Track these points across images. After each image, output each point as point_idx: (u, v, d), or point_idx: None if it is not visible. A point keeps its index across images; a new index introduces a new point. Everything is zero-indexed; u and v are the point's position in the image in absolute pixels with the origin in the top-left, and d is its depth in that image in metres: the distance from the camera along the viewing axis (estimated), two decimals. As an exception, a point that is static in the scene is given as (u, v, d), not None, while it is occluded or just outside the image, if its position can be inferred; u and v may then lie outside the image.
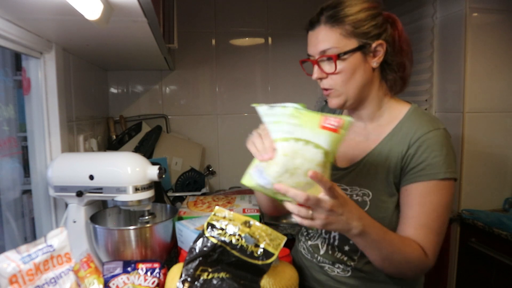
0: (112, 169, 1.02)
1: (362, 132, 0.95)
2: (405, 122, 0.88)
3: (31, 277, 0.72)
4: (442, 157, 0.80)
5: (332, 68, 0.85)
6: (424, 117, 0.87)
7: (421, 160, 0.81)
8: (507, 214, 1.60)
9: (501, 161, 1.75)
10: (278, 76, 2.21)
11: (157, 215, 1.16)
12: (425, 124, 0.84)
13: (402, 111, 0.91)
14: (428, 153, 0.81)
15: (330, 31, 0.84)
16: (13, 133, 1.09)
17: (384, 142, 0.89)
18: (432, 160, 0.80)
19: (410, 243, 0.80)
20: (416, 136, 0.83)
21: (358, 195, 0.88)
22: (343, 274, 0.91)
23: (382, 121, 0.92)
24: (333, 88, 0.88)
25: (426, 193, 0.81)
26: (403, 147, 0.84)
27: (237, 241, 0.77)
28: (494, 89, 1.71)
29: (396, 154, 0.85)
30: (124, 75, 2.09)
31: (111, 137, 1.97)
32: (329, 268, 0.93)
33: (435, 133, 0.82)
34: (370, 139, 0.92)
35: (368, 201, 0.86)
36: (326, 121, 0.66)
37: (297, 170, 0.68)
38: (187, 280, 0.74)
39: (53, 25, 0.99)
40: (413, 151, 0.82)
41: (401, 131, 0.87)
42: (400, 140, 0.86)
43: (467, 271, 1.72)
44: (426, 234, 0.81)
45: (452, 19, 1.72)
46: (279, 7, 2.18)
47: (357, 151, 0.93)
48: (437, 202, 0.81)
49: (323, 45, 0.85)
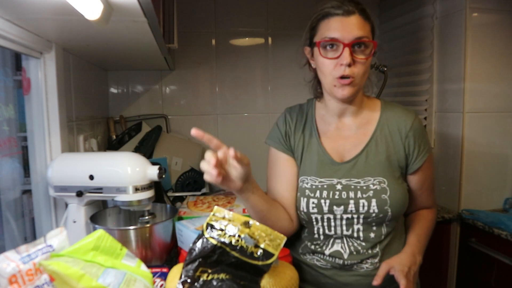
0: (112, 169, 1.02)
1: (345, 127, 1.02)
2: (385, 113, 1.00)
3: (30, 277, 0.72)
4: (427, 135, 1.02)
5: (364, 55, 0.90)
6: (398, 107, 1.02)
7: (419, 143, 0.98)
8: (507, 214, 1.60)
9: (501, 161, 1.75)
10: (278, 76, 2.21)
11: (157, 215, 1.16)
12: (408, 114, 0.99)
13: (376, 103, 1.03)
14: (422, 136, 0.99)
15: (364, 23, 0.91)
16: (13, 133, 1.09)
17: (377, 133, 0.99)
18: (424, 139, 1.00)
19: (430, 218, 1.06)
20: (409, 125, 0.97)
21: (375, 184, 0.94)
22: (373, 267, 0.96)
23: (363, 115, 1.02)
24: (354, 77, 0.91)
25: (428, 166, 1.01)
26: (400, 135, 0.98)
27: (237, 242, 0.77)
28: (494, 89, 1.71)
29: (395, 142, 0.98)
30: (124, 75, 2.09)
31: (111, 137, 1.97)
32: (358, 267, 0.97)
33: (418, 119, 1.00)
34: (360, 131, 1.00)
35: (386, 187, 0.94)
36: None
37: None
38: (187, 281, 0.74)
39: (53, 25, 0.99)
40: (412, 139, 0.97)
41: (387, 120, 0.99)
42: (394, 129, 0.98)
43: (467, 271, 1.72)
44: (433, 195, 1.09)
45: (452, 19, 1.72)
46: (279, 7, 2.17)
47: (349, 145, 1.00)
48: (432, 170, 1.05)
49: (360, 32, 0.89)
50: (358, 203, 0.93)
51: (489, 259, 1.52)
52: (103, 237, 0.81)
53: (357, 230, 0.95)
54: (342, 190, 0.95)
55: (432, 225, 1.06)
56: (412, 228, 1.03)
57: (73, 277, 0.69)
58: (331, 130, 1.02)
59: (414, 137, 0.97)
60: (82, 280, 0.70)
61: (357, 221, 0.94)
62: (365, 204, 0.93)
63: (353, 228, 0.95)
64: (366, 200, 0.93)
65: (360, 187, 0.94)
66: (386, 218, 0.94)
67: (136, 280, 0.78)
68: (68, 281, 0.69)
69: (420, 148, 0.98)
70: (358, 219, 0.94)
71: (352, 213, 0.94)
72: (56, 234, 0.81)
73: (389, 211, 0.93)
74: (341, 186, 0.95)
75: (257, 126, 2.20)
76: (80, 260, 0.76)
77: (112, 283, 0.73)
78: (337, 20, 0.89)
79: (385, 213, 0.93)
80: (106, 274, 0.75)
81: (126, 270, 0.79)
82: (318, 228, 0.97)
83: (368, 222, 0.94)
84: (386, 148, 0.97)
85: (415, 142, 0.97)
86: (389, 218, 0.94)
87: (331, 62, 0.90)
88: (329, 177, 0.97)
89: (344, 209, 0.94)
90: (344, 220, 0.95)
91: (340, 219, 0.95)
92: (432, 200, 1.08)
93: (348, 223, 0.95)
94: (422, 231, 1.02)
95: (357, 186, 0.94)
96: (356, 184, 0.95)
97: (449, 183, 1.77)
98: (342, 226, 0.95)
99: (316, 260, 1.00)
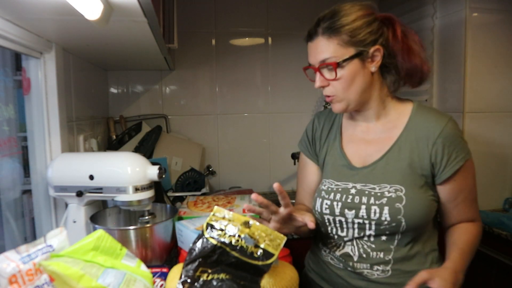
0: (112, 169, 1.02)
1: (370, 131, 0.99)
2: (415, 117, 0.94)
3: (30, 277, 0.72)
4: (463, 142, 0.93)
5: (332, 75, 0.90)
6: (432, 111, 0.95)
7: (451, 150, 0.90)
8: (507, 214, 1.60)
9: (501, 161, 1.75)
10: (278, 76, 2.21)
11: (157, 215, 1.16)
12: (439, 118, 0.91)
13: (407, 107, 0.96)
14: (455, 143, 0.90)
15: (328, 41, 0.88)
16: (13, 133, 1.09)
17: (402, 138, 0.94)
18: (459, 146, 0.91)
19: (474, 233, 0.96)
20: (438, 131, 0.90)
21: (391, 192, 0.91)
22: (384, 275, 0.92)
23: (390, 118, 0.97)
24: (335, 94, 0.93)
25: (464, 175, 0.93)
26: (428, 142, 0.91)
27: (237, 242, 0.77)
28: (494, 89, 1.71)
29: (420, 149, 0.91)
30: (124, 75, 2.09)
31: (111, 137, 1.97)
32: (368, 273, 0.94)
33: (451, 124, 0.91)
34: (383, 136, 0.96)
35: (403, 196, 0.90)
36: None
37: None
38: (187, 281, 0.74)
39: (53, 25, 0.99)
40: (440, 146, 0.90)
41: (416, 126, 0.93)
42: (421, 135, 0.92)
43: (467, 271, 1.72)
44: (475, 207, 0.97)
45: (452, 19, 1.72)
46: (279, 7, 2.17)
47: (372, 149, 0.97)
48: (471, 179, 0.95)
49: (322, 55, 0.89)
50: (369, 209, 0.91)
51: (489, 259, 1.52)
52: (103, 237, 0.82)
53: (368, 235, 0.93)
54: (355, 194, 0.93)
55: (476, 241, 0.96)
56: (454, 243, 0.95)
57: (73, 277, 0.69)
58: (356, 134, 1.01)
59: (443, 144, 0.89)
60: (82, 280, 0.70)
61: (369, 227, 0.91)
62: (376, 211, 0.90)
63: (365, 233, 0.93)
64: (378, 207, 0.90)
65: (374, 193, 0.91)
66: (401, 228, 0.89)
67: (136, 280, 0.78)
68: (68, 281, 0.69)
69: (451, 156, 0.90)
70: (370, 225, 0.91)
71: (364, 218, 0.91)
72: (56, 234, 0.81)
73: (402, 221, 0.88)
74: (355, 190, 0.94)
75: (257, 126, 2.20)
76: (80, 260, 0.76)
77: (112, 283, 0.73)
78: (309, 46, 0.93)
79: (398, 222, 0.88)
80: (106, 274, 0.75)
81: (126, 270, 0.79)
82: (332, 229, 0.97)
83: (381, 229, 0.91)
84: (409, 154, 0.91)
85: (443, 150, 0.90)
86: (404, 229, 0.89)
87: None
88: (345, 181, 0.97)
89: (355, 213, 0.92)
90: (356, 224, 0.93)
91: (351, 223, 0.93)
92: (473, 213, 0.97)
93: (360, 227, 0.93)
94: (465, 247, 0.93)
95: (372, 192, 0.92)
96: (370, 190, 0.92)
97: (449, 183, 1.77)
98: (354, 229, 0.94)
99: (330, 258, 1.00)
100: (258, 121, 2.20)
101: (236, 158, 2.19)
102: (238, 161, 2.20)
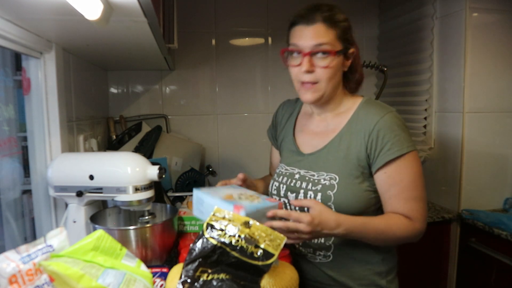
0: (112, 169, 1.02)
1: (322, 123, 1.06)
2: (359, 111, 1.00)
3: (30, 277, 0.72)
4: (401, 135, 0.92)
5: (324, 62, 0.94)
6: (375, 105, 0.99)
7: (385, 141, 0.92)
8: (507, 214, 1.60)
9: (501, 161, 1.75)
10: (278, 76, 2.21)
11: (157, 215, 1.16)
12: (378, 111, 0.95)
13: (355, 102, 1.03)
14: (389, 134, 0.92)
15: (327, 30, 0.93)
16: (13, 133, 1.09)
17: (344, 130, 1.00)
18: (394, 139, 0.91)
19: (395, 220, 0.91)
20: (374, 122, 0.93)
21: (326, 179, 0.97)
22: (326, 260, 1.00)
23: (342, 113, 1.04)
24: (318, 82, 0.96)
25: (400, 169, 0.92)
26: (364, 133, 0.95)
27: (237, 242, 0.77)
28: (494, 89, 1.71)
29: (357, 140, 0.96)
30: (124, 75, 2.09)
31: (111, 137, 1.97)
32: (311, 257, 1.02)
33: (388, 116, 0.94)
34: (330, 128, 1.03)
35: (335, 184, 0.95)
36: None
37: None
38: (187, 281, 0.74)
39: (53, 25, 0.99)
40: (375, 136, 0.93)
41: (357, 119, 0.98)
42: (359, 127, 0.96)
43: (467, 271, 1.72)
44: (412, 205, 0.93)
45: (452, 19, 1.72)
46: (279, 7, 2.17)
47: (319, 139, 1.04)
48: (411, 174, 0.93)
49: (320, 40, 0.93)
50: (306, 194, 0.98)
51: (489, 259, 1.53)
52: (103, 237, 0.82)
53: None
54: (298, 179, 1.02)
55: (391, 231, 0.90)
56: (369, 217, 0.92)
57: (73, 278, 0.69)
58: (308, 125, 1.10)
59: (377, 135, 0.92)
60: (82, 281, 0.70)
61: (307, 210, 0.90)
62: (311, 196, 0.97)
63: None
64: (313, 193, 0.97)
65: (313, 180, 0.99)
66: None
67: (136, 280, 0.78)
68: (68, 281, 0.69)
69: (385, 147, 0.91)
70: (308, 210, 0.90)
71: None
72: (56, 234, 0.81)
73: (332, 208, 0.93)
74: (299, 176, 1.02)
75: (257, 126, 2.20)
76: (80, 261, 0.76)
77: (112, 283, 0.73)
78: (299, 29, 0.96)
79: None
80: (106, 274, 0.75)
81: (126, 270, 0.79)
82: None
83: None
84: (348, 145, 0.97)
85: (377, 141, 0.92)
86: None
87: (294, 69, 1.00)
88: (293, 167, 1.06)
89: (295, 197, 1.00)
90: (297, 208, 0.98)
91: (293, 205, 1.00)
92: (409, 211, 0.92)
93: (300, 210, 0.96)
94: (371, 222, 0.90)
95: (311, 179, 0.99)
96: (310, 176, 1.00)
97: (449, 183, 1.77)
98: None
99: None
100: (258, 121, 2.20)
101: (236, 158, 2.19)
102: (238, 161, 2.20)
